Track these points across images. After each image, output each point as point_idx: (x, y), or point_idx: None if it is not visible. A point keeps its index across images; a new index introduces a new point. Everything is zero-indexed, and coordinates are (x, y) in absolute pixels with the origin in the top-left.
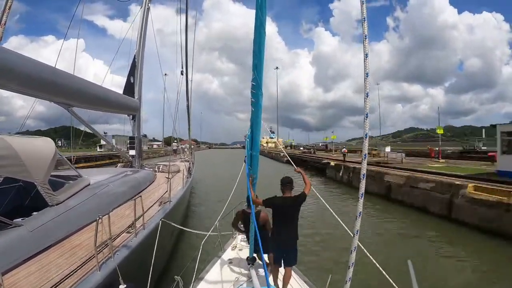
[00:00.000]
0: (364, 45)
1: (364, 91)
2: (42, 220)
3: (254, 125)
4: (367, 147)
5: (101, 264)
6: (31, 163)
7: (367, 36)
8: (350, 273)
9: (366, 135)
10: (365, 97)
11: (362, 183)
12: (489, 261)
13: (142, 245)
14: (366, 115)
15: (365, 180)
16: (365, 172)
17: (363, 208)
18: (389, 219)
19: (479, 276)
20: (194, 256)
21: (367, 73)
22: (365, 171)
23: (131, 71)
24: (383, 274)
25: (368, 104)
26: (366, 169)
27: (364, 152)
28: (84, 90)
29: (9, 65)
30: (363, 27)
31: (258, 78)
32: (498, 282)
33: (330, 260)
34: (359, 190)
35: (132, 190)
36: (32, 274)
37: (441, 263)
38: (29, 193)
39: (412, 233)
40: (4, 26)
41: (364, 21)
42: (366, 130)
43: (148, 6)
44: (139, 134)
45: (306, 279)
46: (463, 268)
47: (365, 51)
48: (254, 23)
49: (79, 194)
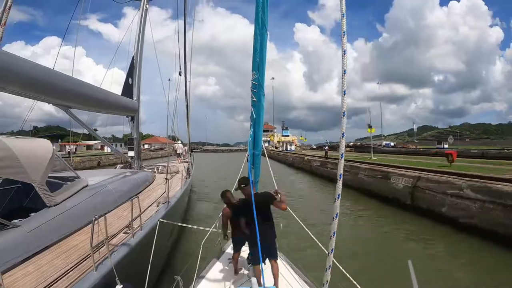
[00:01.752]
0: (342, 42)
1: (342, 89)
2: (40, 221)
3: (256, 124)
4: (344, 146)
5: (98, 264)
6: (29, 164)
7: (345, 32)
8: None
9: (343, 134)
10: (342, 95)
11: (339, 184)
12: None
13: (140, 245)
14: (343, 113)
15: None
16: (342, 172)
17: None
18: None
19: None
20: (194, 256)
21: (345, 70)
22: (341, 171)
23: (130, 73)
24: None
25: (346, 103)
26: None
27: (341, 152)
28: (83, 92)
29: (7, 68)
30: (342, 24)
31: (260, 78)
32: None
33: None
34: (335, 191)
35: (130, 191)
36: (30, 275)
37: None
38: (27, 194)
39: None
40: (4, 26)
41: (343, 17)
42: (343, 130)
43: (146, 7)
44: (137, 135)
45: (306, 279)
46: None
47: (343, 48)
48: (254, 22)
49: (77, 195)
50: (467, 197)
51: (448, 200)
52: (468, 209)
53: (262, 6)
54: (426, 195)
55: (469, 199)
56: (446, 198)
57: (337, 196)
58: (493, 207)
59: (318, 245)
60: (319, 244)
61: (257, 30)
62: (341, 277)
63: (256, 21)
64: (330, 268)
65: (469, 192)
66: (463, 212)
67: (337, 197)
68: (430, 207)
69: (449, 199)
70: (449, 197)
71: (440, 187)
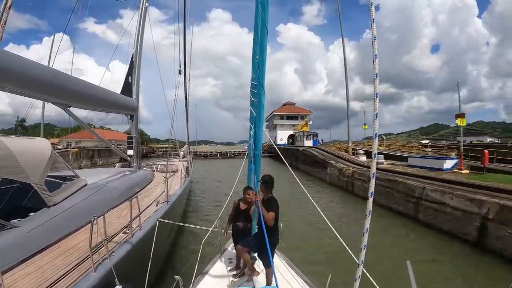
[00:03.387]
0: (374, 47)
1: (374, 92)
2: (38, 221)
3: (257, 124)
4: (376, 145)
5: (97, 265)
6: (28, 163)
7: (375, 37)
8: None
9: (376, 135)
10: (374, 98)
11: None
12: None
13: (139, 245)
14: (375, 115)
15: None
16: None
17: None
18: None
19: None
20: (194, 256)
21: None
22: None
23: (129, 71)
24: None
25: (377, 105)
26: None
27: (374, 152)
28: (81, 90)
29: (5, 66)
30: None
31: (260, 78)
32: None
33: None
34: (366, 208)
35: (129, 190)
36: (29, 275)
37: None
38: (26, 194)
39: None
40: (4, 26)
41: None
42: (376, 130)
43: (146, 6)
44: (137, 134)
45: (306, 279)
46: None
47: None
48: (254, 22)
49: (76, 195)
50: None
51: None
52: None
53: (262, 5)
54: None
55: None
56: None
57: (368, 212)
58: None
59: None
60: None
61: (257, 29)
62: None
63: (256, 20)
64: (360, 278)
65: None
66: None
67: (368, 213)
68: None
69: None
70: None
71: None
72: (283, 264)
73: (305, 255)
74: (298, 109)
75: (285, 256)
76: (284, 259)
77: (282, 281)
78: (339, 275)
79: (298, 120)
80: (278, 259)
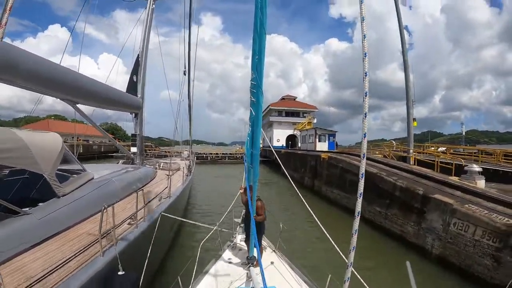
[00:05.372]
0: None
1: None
2: (49, 209)
3: (255, 124)
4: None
5: (104, 250)
6: (40, 155)
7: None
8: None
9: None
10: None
11: (358, 202)
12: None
13: (142, 236)
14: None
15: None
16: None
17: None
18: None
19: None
20: (194, 256)
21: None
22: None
23: (134, 70)
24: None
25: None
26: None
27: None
28: (89, 88)
29: (15, 61)
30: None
31: (258, 78)
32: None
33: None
34: (355, 209)
35: (133, 185)
36: (39, 259)
37: None
38: (34, 185)
39: None
40: (4, 26)
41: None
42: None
43: (153, 6)
44: (141, 132)
45: (306, 279)
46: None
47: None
48: (253, 23)
49: (83, 187)
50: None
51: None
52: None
53: (260, 6)
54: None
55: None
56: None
57: (356, 213)
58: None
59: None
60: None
61: (256, 30)
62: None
63: (255, 22)
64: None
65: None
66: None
67: (357, 214)
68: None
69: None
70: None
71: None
72: (283, 264)
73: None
74: (300, 104)
75: (285, 256)
76: (284, 259)
77: (282, 281)
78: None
79: (299, 117)
80: (278, 259)
